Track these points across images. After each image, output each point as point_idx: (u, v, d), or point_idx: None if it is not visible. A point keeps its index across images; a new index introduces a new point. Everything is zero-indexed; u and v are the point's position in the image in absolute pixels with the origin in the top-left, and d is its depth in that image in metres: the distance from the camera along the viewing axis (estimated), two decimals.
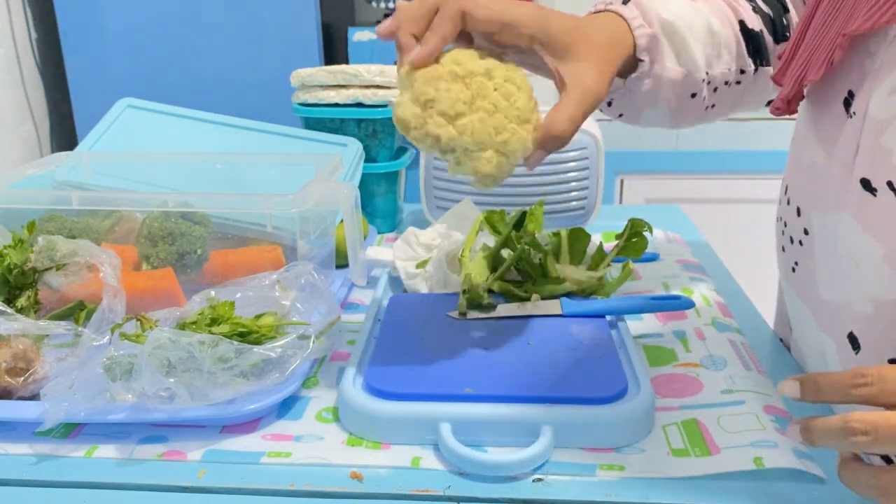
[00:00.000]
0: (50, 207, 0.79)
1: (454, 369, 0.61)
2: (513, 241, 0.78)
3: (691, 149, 1.67)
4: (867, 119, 0.49)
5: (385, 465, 0.54)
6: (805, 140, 0.59)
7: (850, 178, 0.51)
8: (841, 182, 0.52)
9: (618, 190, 1.70)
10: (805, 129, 0.59)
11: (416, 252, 0.83)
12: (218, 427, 0.59)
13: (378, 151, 1.03)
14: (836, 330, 0.55)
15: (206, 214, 0.79)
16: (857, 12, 0.51)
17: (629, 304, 0.72)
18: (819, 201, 0.56)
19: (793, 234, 0.60)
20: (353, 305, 0.83)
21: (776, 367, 0.68)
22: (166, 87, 1.61)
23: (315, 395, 0.64)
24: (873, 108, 0.49)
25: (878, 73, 0.49)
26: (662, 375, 0.65)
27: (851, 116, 0.51)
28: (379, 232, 1.05)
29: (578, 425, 0.55)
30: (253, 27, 1.57)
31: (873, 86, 0.49)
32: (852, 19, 0.51)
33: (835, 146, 0.53)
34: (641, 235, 0.79)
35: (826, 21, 0.55)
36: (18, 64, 1.60)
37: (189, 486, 0.53)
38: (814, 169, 0.56)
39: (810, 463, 0.53)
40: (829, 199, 0.54)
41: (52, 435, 0.59)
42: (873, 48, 0.50)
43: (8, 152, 1.56)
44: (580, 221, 0.99)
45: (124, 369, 0.58)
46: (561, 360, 0.63)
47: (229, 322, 0.65)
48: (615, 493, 0.51)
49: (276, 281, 0.70)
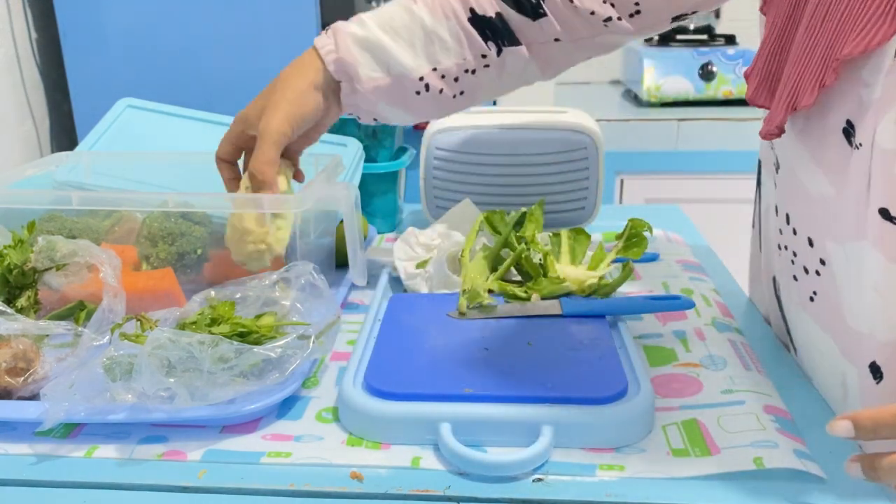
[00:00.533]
0: (50, 207, 0.79)
1: (454, 369, 0.61)
2: (513, 241, 0.78)
3: (691, 149, 1.67)
4: (875, 149, 0.49)
5: (385, 465, 0.54)
6: (805, 170, 0.57)
7: (867, 209, 0.51)
8: (857, 213, 0.51)
9: (618, 190, 1.70)
10: (801, 159, 0.58)
11: (416, 252, 0.83)
12: (218, 427, 0.59)
13: (378, 151, 1.03)
14: (859, 358, 0.55)
15: (206, 214, 0.79)
16: (844, 31, 0.50)
17: (629, 304, 0.73)
18: (834, 232, 0.55)
19: (806, 265, 0.59)
20: (353, 305, 0.83)
21: (776, 367, 0.68)
22: (166, 87, 1.60)
23: (315, 395, 0.64)
24: (881, 139, 0.48)
25: (881, 104, 0.48)
26: (662, 375, 0.65)
27: (857, 148, 0.50)
28: (379, 232, 1.05)
29: (578, 425, 0.55)
30: (253, 27, 1.57)
31: (878, 117, 0.48)
32: (841, 39, 0.50)
33: (845, 178, 0.52)
34: (641, 235, 0.79)
35: (811, 39, 0.54)
36: (19, 64, 1.60)
37: (189, 486, 0.53)
38: (823, 201, 0.55)
39: (810, 463, 0.53)
40: (845, 229, 0.53)
41: (52, 435, 0.59)
42: (869, 79, 0.49)
43: (8, 152, 1.56)
44: (580, 221, 0.99)
45: (124, 369, 0.58)
46: (561, 360, 0.63)
47: (229, 322, 0.65)
48: (615, 493, 0.51)
49: (276, 281, 0.70)
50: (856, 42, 0.48)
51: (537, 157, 0.96)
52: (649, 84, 1.74)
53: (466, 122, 0.97)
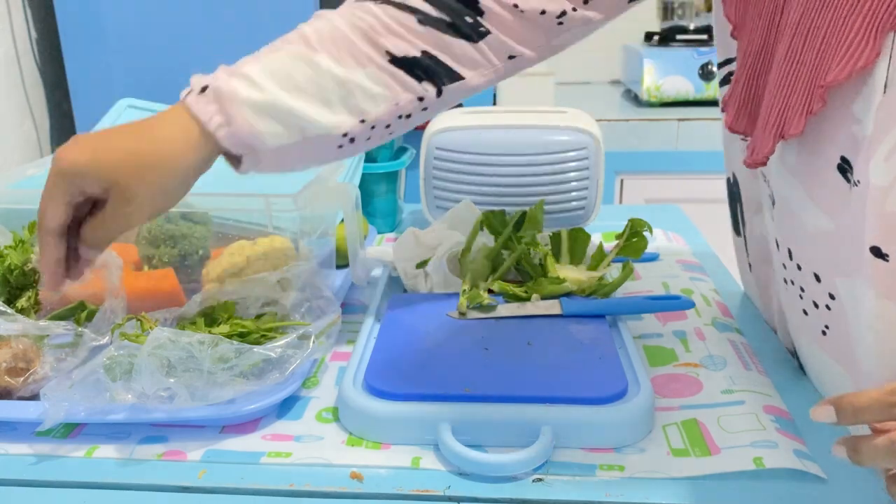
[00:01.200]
0: None
1: (454, 369, 0.61)
2: (513, 241, 0.78)
3: (691, 149, 1.67)
4: (870, 188, 0.48)
5: (385, 465, 0.54)
6: (802, 207, 0.55)
7: (861, 247, 0.50)
8: (853, 250, 0.51)
9: (618, 190, 1.70)
10: (797, 195, 0.55)
11: (416, 252, 0.83)
12: (218, 427, 0.59)
13: (378, 151, 1.03)
14: None
15: (206, 214, 0.79)
16: (828, 54, 0.48)
17: (629, 304, 0.73)
18: (839, 267, 0.54)
19: (815, 299, 0.58)
20: (353, 305, 0.83)
21: (776, 368, 0.68)
22: (166, 87, 1.60)
23: (315, 395, 0.64)
24: (873, 176, 0.48)
25: (872, 142, 0.47)
26: (662, 375, 0.65)
27: (855, 185, 0.49)
28: (379, 232, 1.05)
29: (578, 425, 0.55)
30: (253, 27, 1.57)
31: (869, 154, 0.48)
32: (825, 63, 0.48)
33: (842, 216, 0.51)
34: (641, 235, 0.79)
35: (793, 63, 0.52)
36: (18, 64, 1.60)
37: (189, 486, 0.53)
38: (824, 237, 0.54)
39: (810, 463, 0.53)
40: (845, 265, 0.53)
41: (52, 435, 0.59)
42: (860, 114, 0.48)
43: (8, 152, 1.56)
44: (580, 221, 0.99)
45: (124, 369, 0.58)
46: (561, 360, 0.63)
47: (229, 322, 0.65)
48: (615, 493, 0.51)
49: (276, 281, 0.70)
50: (840, 66, 0.47)
51: (537, 157, 0.96)
52: (649, 84, 1.74)
53: (466, 122, 0.97)
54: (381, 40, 0.59)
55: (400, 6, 0.59)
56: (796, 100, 0.51)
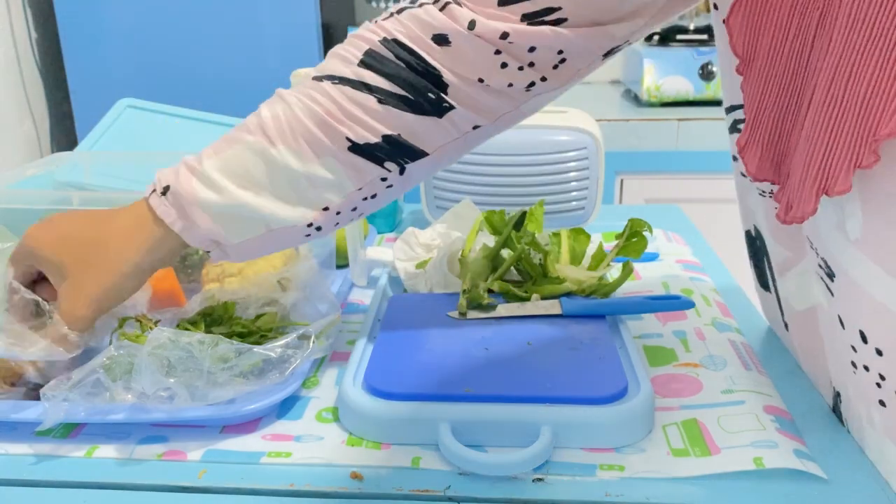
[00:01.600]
0: (50, 207, 0.79)
1: (454, 369, 0.61)
2: (513, 241, 0.78)
3: (691, 149, 1.67)
4: None
5: (385, 465, 0.54)
6: (878, 285, 0.47)
7: None
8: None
9: (618, 190, 1.70)
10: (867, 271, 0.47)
11: (416, 252, 0.83)
12: (218, 427, 0.59)
13: None
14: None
15: None
16: (876, 103, 0.41)
17: (629, 304, 0.73)
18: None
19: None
20: (353, 305, 0.83)
21: (776, 368, 0.68)
22: (166, 87, 1.61)
23: (315, 395, 0.64)
24: None
25: None
26: (662, 375, 0.65)
27: None
28: (379, 232, 1.05)
29: (578, 425, 0.55)
30: (253, 27, 1.57)
31: None
32: (875, 113, 0.42)
33: None
34: (641, 235, 0.79)
35: (833, 111, 0.45)
36: (18, 64, 1.60)
37: (189, 486, 0.53)
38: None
39: (810, 463, 0.53)
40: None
41: (52, 435, 0.59)
42: None
43: (8, 152, 1.56)
44: (580, 221, 0.99)
45: (124, 369, 0.58)
46: (561, 360, 0.63)
47: (229, 322, 0.65)
48: (615, 493, 0.51)
49: (276, 281, 0.70)
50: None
51: (537, 157, 0.96)
52: (649, 84, 1.74)
53: None
54: (340, 128, 0.57)
55: (358, 86, 0.57)
56: (840, 152, 0.44)
